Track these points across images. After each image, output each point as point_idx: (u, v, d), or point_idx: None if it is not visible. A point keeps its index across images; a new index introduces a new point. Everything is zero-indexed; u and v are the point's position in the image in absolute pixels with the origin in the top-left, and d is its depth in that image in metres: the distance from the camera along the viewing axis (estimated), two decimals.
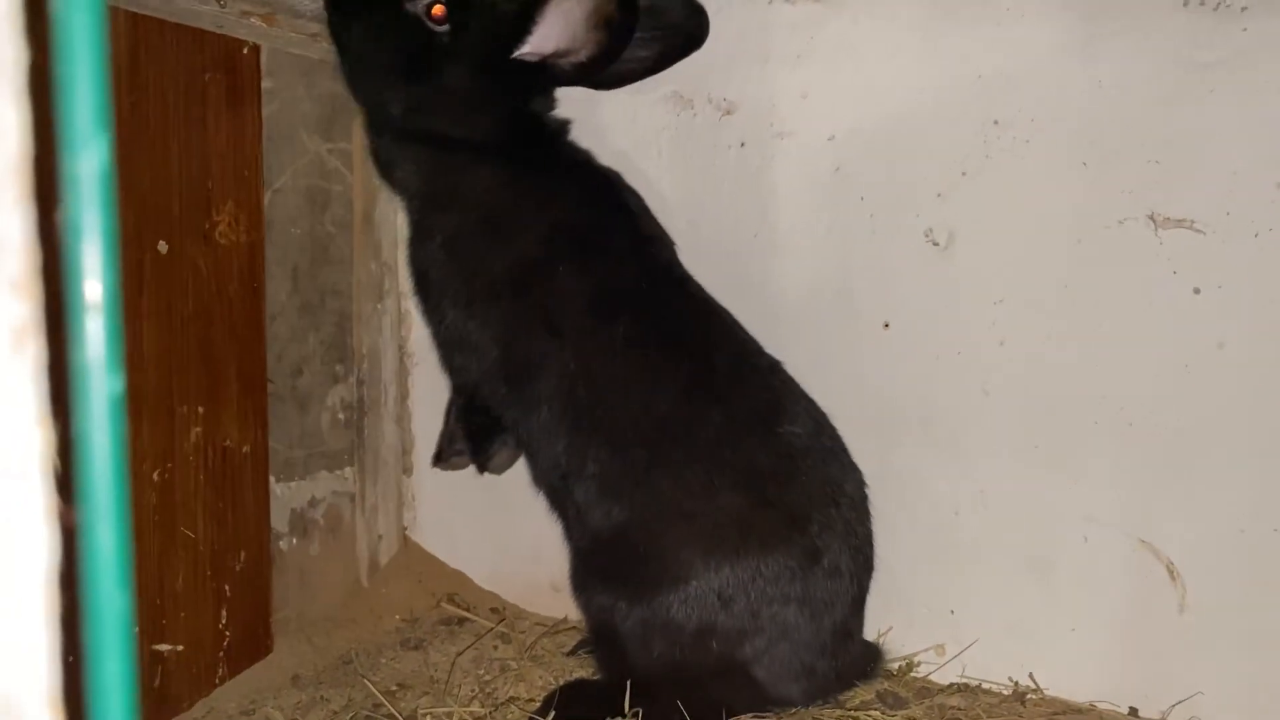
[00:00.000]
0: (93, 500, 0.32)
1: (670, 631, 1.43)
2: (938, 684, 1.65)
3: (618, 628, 1.45)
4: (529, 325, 1.52)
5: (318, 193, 1.91)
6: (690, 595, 1.42)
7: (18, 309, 0.31)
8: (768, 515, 1.46)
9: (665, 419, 1.48)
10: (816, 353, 1.73)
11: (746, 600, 1.42)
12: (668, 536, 1.46)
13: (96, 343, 0.31)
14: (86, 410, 0.32)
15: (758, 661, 1.45)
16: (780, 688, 1.47)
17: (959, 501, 1.67)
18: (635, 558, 1.46)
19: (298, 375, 1.90)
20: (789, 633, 1.45)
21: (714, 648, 1.43)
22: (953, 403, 1.66)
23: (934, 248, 1.66)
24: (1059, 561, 1.61)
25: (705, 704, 1.44)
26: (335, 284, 1.98)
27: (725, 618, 1.42)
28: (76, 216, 0.29)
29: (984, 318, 1.63)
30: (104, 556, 0.32)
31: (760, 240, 1.77)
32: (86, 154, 0.28)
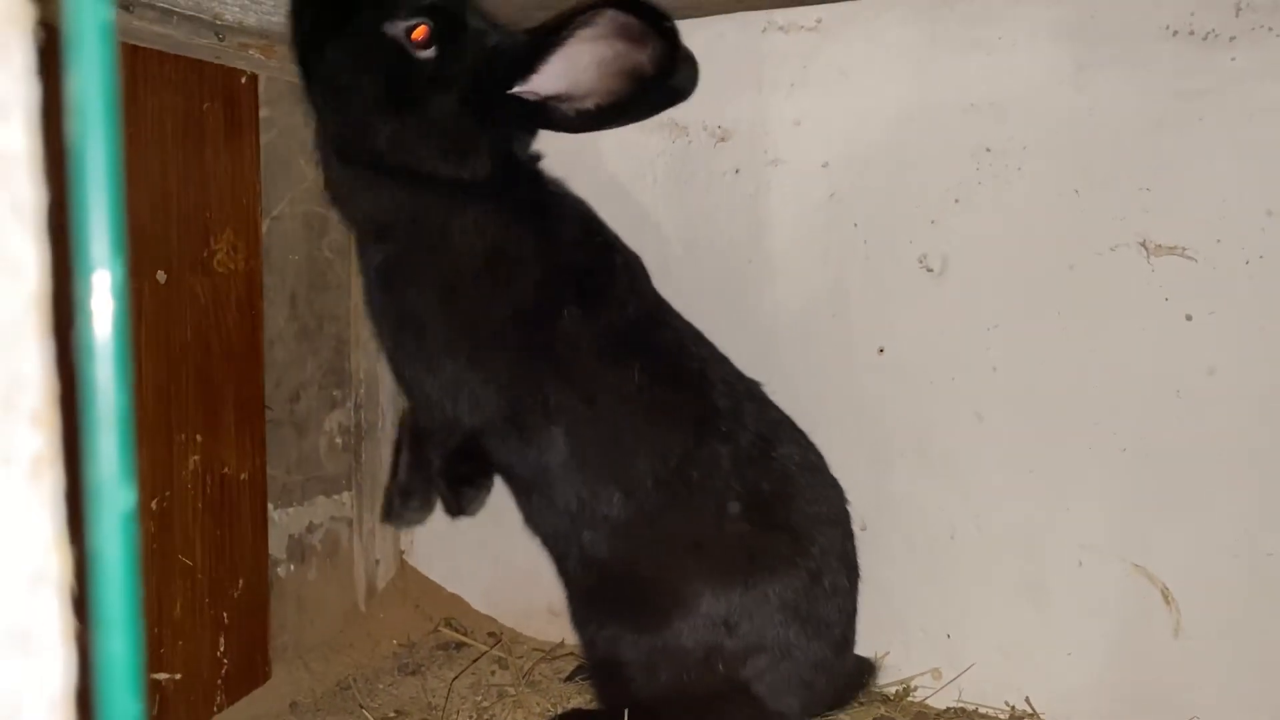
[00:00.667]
0: (106, 613, 0.33)
1: (678, 657, 1.44)
2: (934, 708, 1.66)
3: (624, 658, 1.46)
4: (538, 372, 1.46)
5: (315, 219, 1.91)
6: (699, 622, 1.43)
7: (36, 440, 0.32)
8: (773, 540, 1.48)
9: (676, 456, 1.48)
10: (811, 377, 1.74)
11: (752, 624, 1.44)
12: (677, 567, 1.47)
13: (110, 461, 0.32)
14: (99, 527, 0.32)
15: (759, 679, 1.46)
16: (780, 702, 1.48)
17: (954, 525, 1.67)
18: (644, 589, 1.47)
19: (295, 400, 1.91)
20: (792, 652, 1.47)
21: (719, 670, 1.44)
22: (947, 427, 1.67)
23: (928, 274, 1.67)
24: (1054, 586, 1.62)
25: None
26: (333, 309, 1.99)
27: (732, 642, 1.44)
28: (88, 340, 0.30)
29: (978, 343, 1.64)
30: (118, 666, 0.33)
31: (755, 266, 1.78)
32: (101, 278, 0.29)
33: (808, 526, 1.51)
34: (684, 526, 1.47)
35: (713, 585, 1.44)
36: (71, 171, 0.28)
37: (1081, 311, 1.58)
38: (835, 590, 1.51)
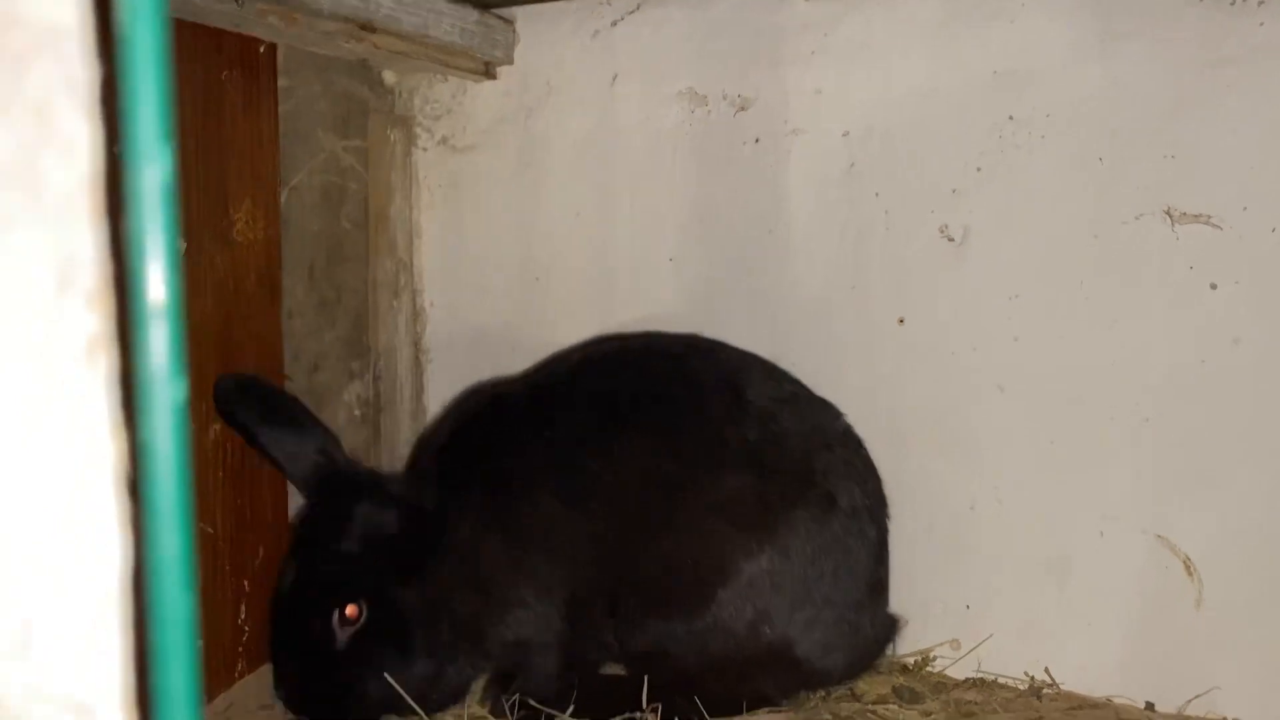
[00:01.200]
0: (157, 506, 0.32)
1: (724, 626, 1.46)
2: (953, 679, 1.65)
3: (670, 649, 1.48)
4: None
5: (333, 190, 1.91)
6: (738, 582, 1.45)
7: (91, 321, 0.32)
8: (778, 482, 1.50)
9: (670, 481, 1.53)
10: (830, 349, 1.73)
11: (786, 566, 1.46)
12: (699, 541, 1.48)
13: (160, 351, 0.32)
14: (150, 419, 0.32)
15: (807, 632, 1.48)
16: (826, 659, 1.50)
17: (974, 498, 1.67)
18: (676, 575, 1.48)
19: (315, 372, 1.91)
20: (829, 589, 1.48)
21: (766, 632, 1.46)
22: (968, 399, 1.66)
23: (949, 244, 1.66)
24: (1075, 557, 1.61)
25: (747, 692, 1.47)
26: (351, 281, 1.99)
27: (771, 591, 1.45)
28: (140, 228, 0.29)
29: (999, 314, 1.63)
30: (169, 559, 0.33)
31: (774, 237, 1.77)
32: (151, 167, 0.28)
33: (805, 460, 1.53)
34: (682, 510, 1.50)
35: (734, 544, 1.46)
36: (121, 52, 0.28)
37: (1105, 281, 1.56)
38: (854, 511, 1.52)
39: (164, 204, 0.30)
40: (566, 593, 1.54)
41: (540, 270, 1.99)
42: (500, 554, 1.53)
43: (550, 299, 1.99)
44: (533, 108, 1.95)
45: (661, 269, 1.87)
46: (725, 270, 1.82)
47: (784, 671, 1.49)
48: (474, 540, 1.53)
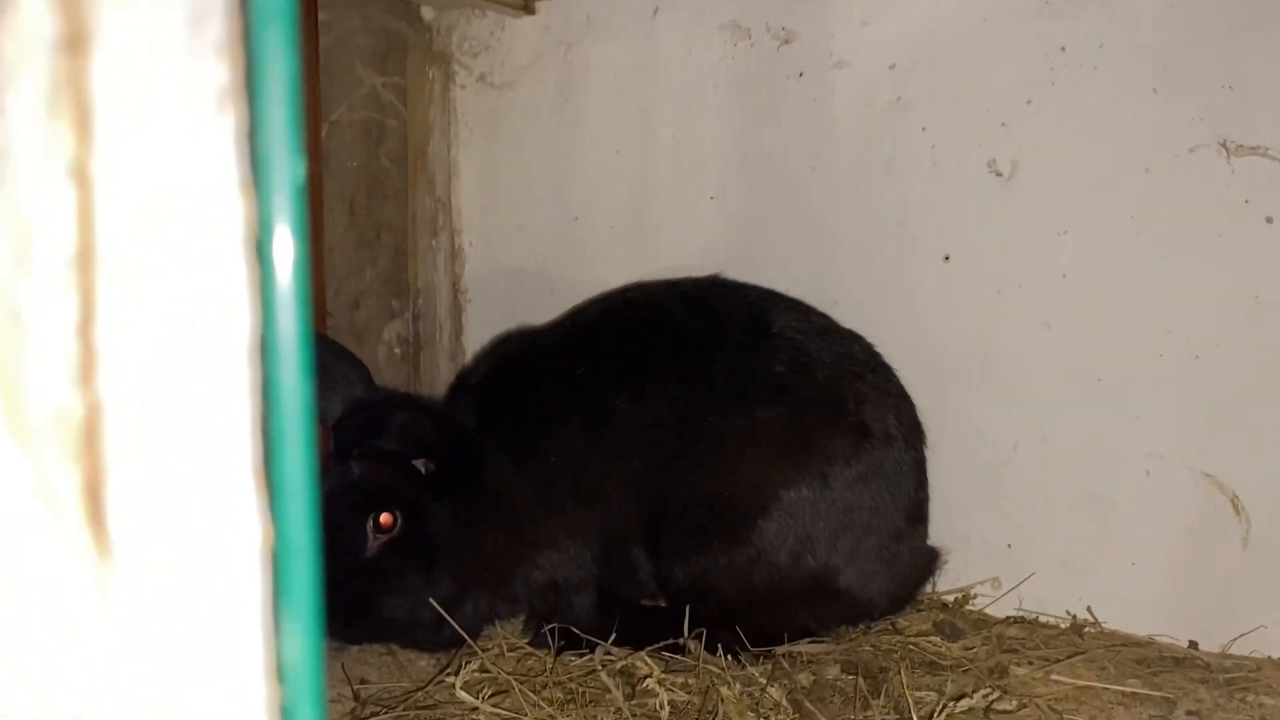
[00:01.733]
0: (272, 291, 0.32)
1: (765, 556, 1.46)
2: (994, 617, 1.65)
3: (711, 581, 1.48)
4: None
5: (373, 126, 1.91)
6: (778, 510, 1.46)
7: (221, 72, 0.32)
8: (810, 411, 1.50)
9: (700, 416, 1.53)
10: (873, 286, 1.72)
11: (826, 493, 1.46)
12: (735, 472, 1.49)
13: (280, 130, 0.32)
14: (269, 199, 0.32)
15: (849, 561, 1.48)
16: (868, 589, 1.51)
17: (1018, 436, 1.65)
18: (713, 507, 1.49)
19: (355, 309, 1.92)
20: (869, 517, 1.49)
21: (809, 561, 1.46)
22: (1013, 337, 1.64)
23: (997, 178, 1.63)
24: (1119, 496, 1.60)
25: (789, 623, 1.48)
26: (391, 219, 1.99)
27: (812, 519, 1.46)
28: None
29: (1047, 250, 1.61)
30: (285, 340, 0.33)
31: (818, 172, 1.75)
32: None
33: (836, 389, 1.53)
34: (727, 441, 1.50)
35: (771, 474, 1.46)
36: None
37: (1157, 215, 1.53)
38: (889, 438, 1.52)
39: None
40: (600, 532, 1.55)
41: (578, 209, 1.98)
42: (531, 495, 1.54)
43: (588, 239, 1.98)
44: (572, 42, 1.93)
45: (702, 207, 1.85)
46: (767, 208, 1.81)
47: (826, 602, 1.49)
48: (506, 480, 1.54)
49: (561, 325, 1.72)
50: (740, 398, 1.52)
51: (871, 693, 1.35)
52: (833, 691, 1.37)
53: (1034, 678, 1.43)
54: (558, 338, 1.68)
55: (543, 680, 1.37)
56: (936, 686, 1.37)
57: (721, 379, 1.54)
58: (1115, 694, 1.40)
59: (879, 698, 1.33)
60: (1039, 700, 1.35)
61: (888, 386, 1.59)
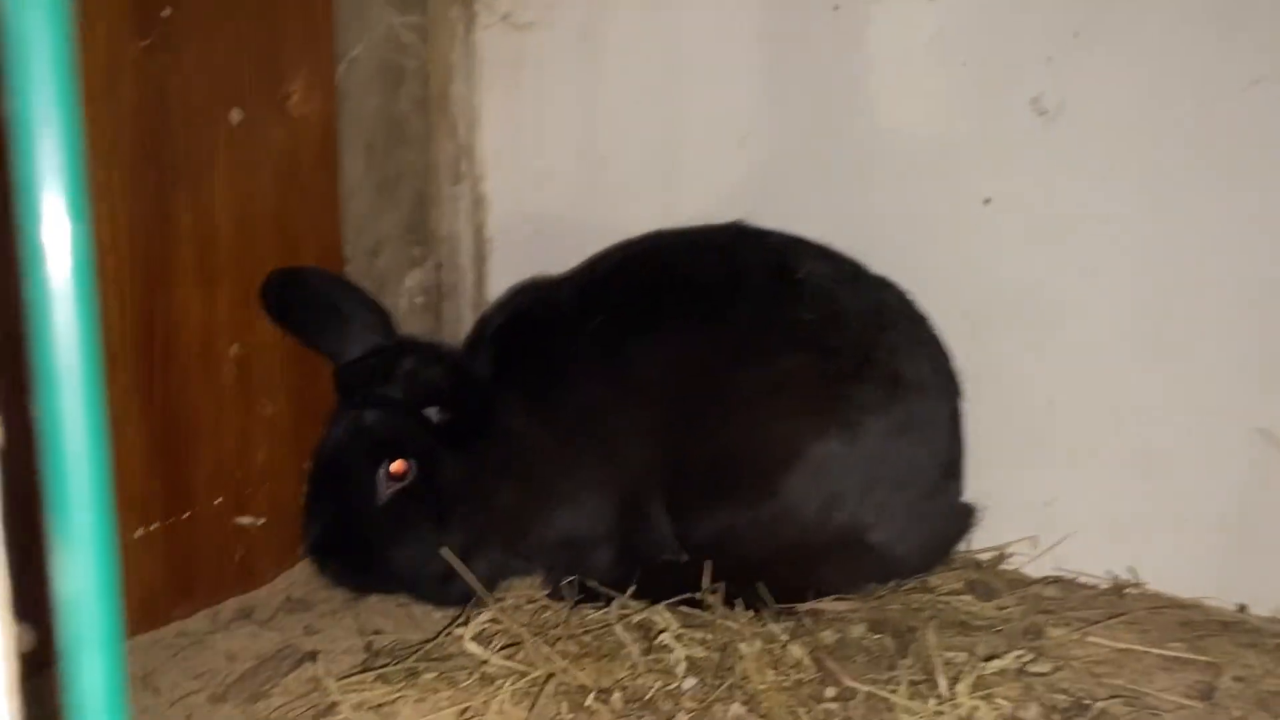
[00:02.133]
0: None
1: (792, 512, 1.41)
2: (1030, 576, 1.58)
3: (735, 537, 1.43)
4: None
5: (391, 67, 1.85)
6: (805, 463, 1.40)
7: None
8: (839, 360, 1.43)
9: (721, 367, 1.47)
10: (910, 231, 1.64)
11: (856, 446, 1.40)
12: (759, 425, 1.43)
13: None
14: None
15: (880, 517, 1.43)
16: (899, 547, 1.45)
17: (1059, 388, 1.58)
18: (736, 461, 1.43)
19: (375, 256, 1.88)
20: (902, 471, 1.43)
21: (837, 517, 1.41)
22: (1056, 284, 1.56)
23: (1041, 116, 1.54)
24: (1165, 451, 1.52)
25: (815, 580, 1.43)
26: (411, 164, 1.94)
27: (841, 473, 1.40)
28: None
29: (1094, 192, 1.52)
30: None
31: (854, 110, 1.67)
32: None
33: (867, 337, 1.46)
34: (737, 395, 1.44)
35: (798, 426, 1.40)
36: None
37: (1215, 156, 1.44)
38: (921, 387, 1.46)
39: None
40: (619, 487, 1.49)
41: (604, 154, 1.91)
42: (548, 447, 1.49)
43: (614, 184, 1.92)
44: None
45: (732, 149, 1.78)
46: (800, 150, 1.73)
47: (854, 560, 1.43)
48: (522, 432, 1.49)
49: (579, 274, 1.66)
50: (764, 347, 1.46)
51: (899, 652, 1.29)
52: (858, 650, 1.31)
53: (1070, 639, 1.36)
54: (575, 286, 1.62)
55: (557, 634, 1.33)
56: (967, 647, 1.31)
57: (744, 327, 1.47)
58: (1157, 658, 1.33)
59: (906, 657, 1.28)
60: (1075, 662, 1.29)
61: (922, 335, 1.52)
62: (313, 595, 1.58)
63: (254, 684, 1.30)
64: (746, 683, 1.21)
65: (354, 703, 1.19)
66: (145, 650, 1.41)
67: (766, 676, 1.22)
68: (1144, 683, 1.27)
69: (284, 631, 1.46)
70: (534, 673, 1.23)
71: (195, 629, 1.47)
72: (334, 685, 1.22)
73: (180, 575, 1.50)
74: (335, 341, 1.53)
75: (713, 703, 1.18)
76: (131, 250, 1.40)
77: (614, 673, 1.24)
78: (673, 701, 1.20)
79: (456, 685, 1.22)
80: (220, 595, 1.55)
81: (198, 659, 1.39)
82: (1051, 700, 1.20)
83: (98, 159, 1.34)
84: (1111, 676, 1.28)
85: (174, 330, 1.47)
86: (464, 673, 1.26)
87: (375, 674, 1.26)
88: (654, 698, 1.20)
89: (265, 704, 1.27)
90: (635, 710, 1.18)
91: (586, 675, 1.23)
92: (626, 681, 1.23)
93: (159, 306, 1.44)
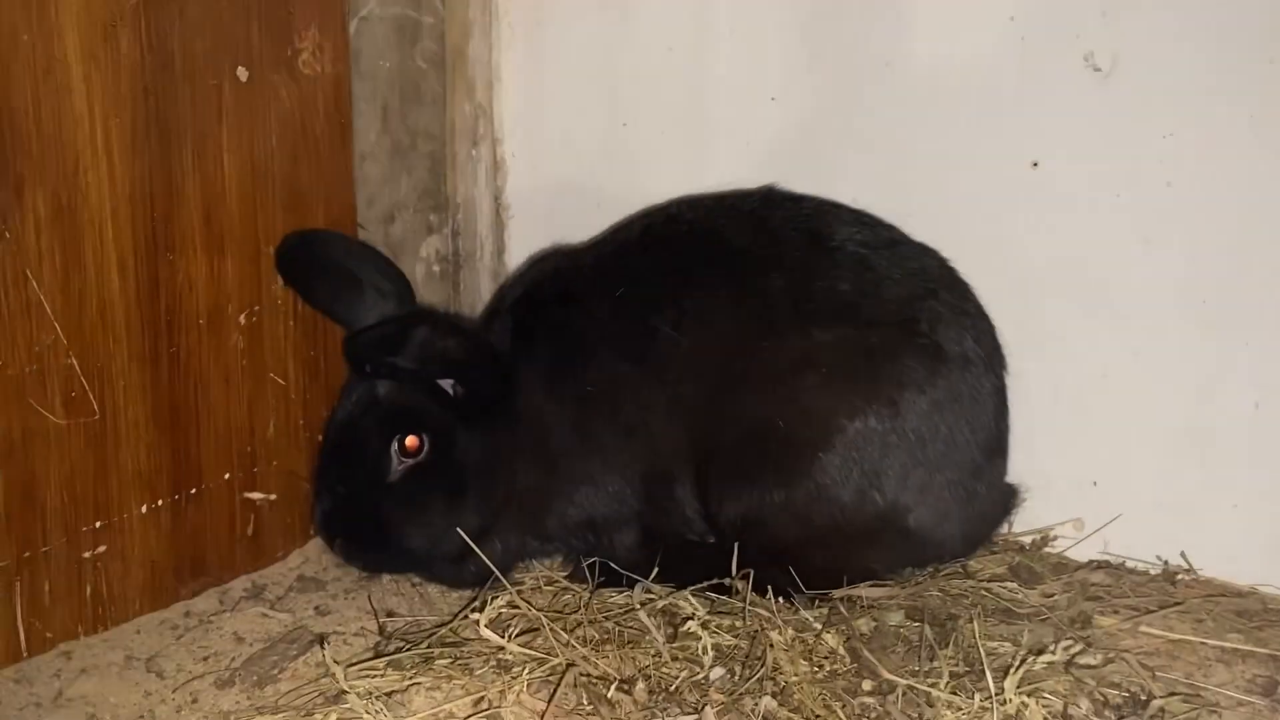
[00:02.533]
0: None
1: (827, 493, 1.33)
2: (1075, 560, 1.51)
3: (766, 519, 1.35)
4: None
5: (407, 24, 1.77)
6: (842, 442, 1.32)
7: None
8: (877, 332, 1.36)
9: (751, 338, 1.39)
10: (952, 196, 1.55)
11: (895, 423, 1.32)
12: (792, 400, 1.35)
13: None
14: None
15: (920, 499, 1.35)
16: (939, 530, 1.37)
17: (1109, 362, 1.49)
18: (767, 439, 1.35)
19: (390, 223, 1.81)
20: (944, 450, 1.35)
21: (875, 499, 1.33)
22: (1108, 252, 1.47)
23: (1094, 74, 1.45)
24: (1222, 430, 1.43)
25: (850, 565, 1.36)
26: (428, 126, 1.86)
27: (880, 453, 1.32)
28: None
29: (1150, 154, 1.43)
30: None
31: (893, 70, 1.58)
32: None
33: (907, 308, 1.38)
34: (768, 369, 1.36)
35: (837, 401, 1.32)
36: None
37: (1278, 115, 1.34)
38: (965, 360, 1.37)
39: None
40: (642, 466, 1.42)
41: (628, 115, 1.83)
42: (568, 425, 1.43)
43: (638, 147, 1.84)
44: None
45: (763, 110, 1.69)
46: (835, 110, 1.64)
47: (893, 543, 1.36)
48: (541, 408, 1.43)
49: (602, 243, 1.59)
50: (798, 318, 1.38)
51: (939, 642, 1.22)
52: (895, 640, 1.24)
53: (1121, 629, 1.29)
54: (597, 256, 1.54)
55: (577, 619, 1.27)
56: (1012, 637, 1.24)
57: (777, 298, 1.39)
58: (1214, 649, 1.26)
59: (947, 648, 1.21)
60: (1127, 655, 1.22)
61: (964, 305, 1.44)
62: (325, 574, 1.53)
63: (262, 668, 1.24)
64: (778, 674, 1.15)
65: (364, 690, 1.13)
66: (150, 631, 1.36)
67: (799, 667, 1.15)
68: (1201, 677, 1.20)
69: (294, 612, 1.41)
70: (553, 661, 1.17)
71: (203, 609, 1.42)
72: (343, 673, 1.16)
73: (187, 553, 1.44)
74: (349, 309, 1.46)
75: (742, 695, 1.12)
76: (133, 214, 1.33)
77: (637, 661, 1.18)
78: (699, 693, 1.13)
79: (471, 673, 1.16)
80: (229, 574, 1.50)
81: (205, 640, 1.33)
82: (1103, 695, 1.13)
83: (94, 116, 1.27)
84: (1166, 670, 1.21)
85: (180, 298, 1.40)
86: (479, 659, 1.20)
87: (387, 660, 1.20)
88: (679, 688, 1.14)
89: (274, 689, 1.21)
90: (660, 702, 1.11)
91: (608, 664, 1.17)
92: (650, 671, 1.16)
93: (164, 273, 1.38)
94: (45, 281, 1.24)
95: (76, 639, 1.32)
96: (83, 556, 1.32)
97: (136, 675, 1.25)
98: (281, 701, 1.17)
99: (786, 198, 1.53)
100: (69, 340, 1.28)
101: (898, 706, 1.11)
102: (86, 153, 1.27)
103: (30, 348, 1.24)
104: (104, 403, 1.33)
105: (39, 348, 1.25)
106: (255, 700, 1.18)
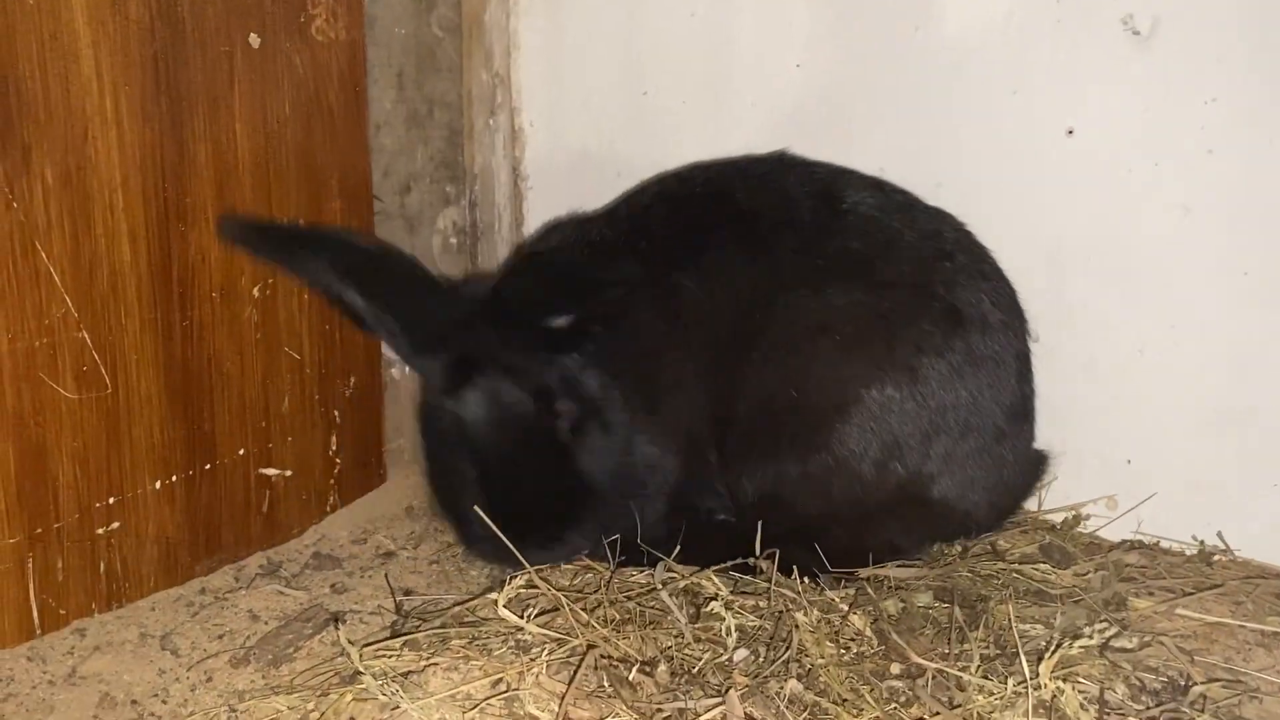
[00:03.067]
0: None
1: (846, 465, 1.30)
2: (1108, 540, 1.47)
3: (782, 493, 1.32)
4: None
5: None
6: (860, 411, 1.28)
7: None
8: (892, 295, 1.32)
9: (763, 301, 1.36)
10: (985, 166, 1.51)
11: (915, 390, 1.28)
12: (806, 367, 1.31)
13: None
14: None
15: (944, 468, 1.31)
16: (965, 500, 1.34)
17: (1145, 336, 1.45)
18: (781, 408, 1.32)
19: (406, 193, 1.77)
20: (966, 415, 1.31)
21: (897, 470, 1.30)
22: (1145, 222, 1.42)
23: (1133, 38, 1.40)
24: (1262, 407, 1.39)
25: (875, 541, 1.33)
26: (444, 95, 1.83)
27: (899, 421, 1.28)
28: None
29: (1191, 121, 1.38)
30: None
31: (926, 35, 1.53)
32: None
33: (922, 270, 1.34)
34: (781, 333, 1.33)
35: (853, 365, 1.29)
36: None
37: None
38: (985, 324, 1.34)
39: None
40: (684, 424, 1.39)
41: (649, 83, 1.79)
42: (630, 379, 1.38)
43: (659, 115, 1.79)
44: None
45: (787, 76, 1.65)
46: (862, 77, 1.59)
47: (917, 516, 1.32)
48: None
49: (615, 208, 1.55)
50: (811, 281, 1.34)
51: (969, 624, 1.19)
52: (924, 622, 1.21)
53: (1157, 611, 1.25)
54: (611, 220, 1.51)
55: (597, 599, 1.24)
56: (1044, 619, 1.20)
57: (789, 260, 1.35)
58: (1253, 633, 1.22)
59: (978, 630, 1.17)
60: (1164, 638, 1.18)
61: (981, 268, 1.39)
62: (340, 550, 1.51)
63: (277, 646, 1.22)
64: (803, 656, 1.12)
65: (380, 671, 1.11)
66: (165, 608, 1.34)
67: (825, 649, 1.12)
68: (1240, 661, 1.16)
69: (310, 590, 1.39)
70: (573, 641, 1.14)
71: (218, 585, 1.40)
72: (358, 654, 1.13)
73: (202, 529, 1.42)
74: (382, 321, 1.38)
75: (767, 677, 1.09)
76: (144, 184, 1.30)
77: (659, 642, 1.15)
78: (723, 675, 1.10)
79: (490, 654, 1.14)
80: (244, 550, 1.48)
81: (220, 618, 1.31)
82: (1140, 680, 1.10)
83: (103, 83, 1.24)
84: (1204, 654, 1.17)
85: (192, 271, 1.38)
86: (498, 640, 1.17)
87: (403, 640, 1.18)
88: (703, 670, 1.11)
89: (289, 668, 1.19)
90: (682, 684, 1.08)
91: (629, 645, 1.14)
92: (673, 652, 1.13)
93: (176, 244, 1.35)
94: (54, 252, 1.22)
95: (90, 616, 1.30)
96: (96, 533, 1.30)
97: (151, 653, 1.23)
98: (296, 681, 1.15)
99: (799, 162, 1.49)
100: (80, 313, 1.25)
101: (927, 690, 1.07)
102: (95, 120, 1.24)
103: (40, 320, 1.21)
104: (116, 377, 1.30)
105: (49, 320, 1.22)
106: (270, 680, 1.16)
